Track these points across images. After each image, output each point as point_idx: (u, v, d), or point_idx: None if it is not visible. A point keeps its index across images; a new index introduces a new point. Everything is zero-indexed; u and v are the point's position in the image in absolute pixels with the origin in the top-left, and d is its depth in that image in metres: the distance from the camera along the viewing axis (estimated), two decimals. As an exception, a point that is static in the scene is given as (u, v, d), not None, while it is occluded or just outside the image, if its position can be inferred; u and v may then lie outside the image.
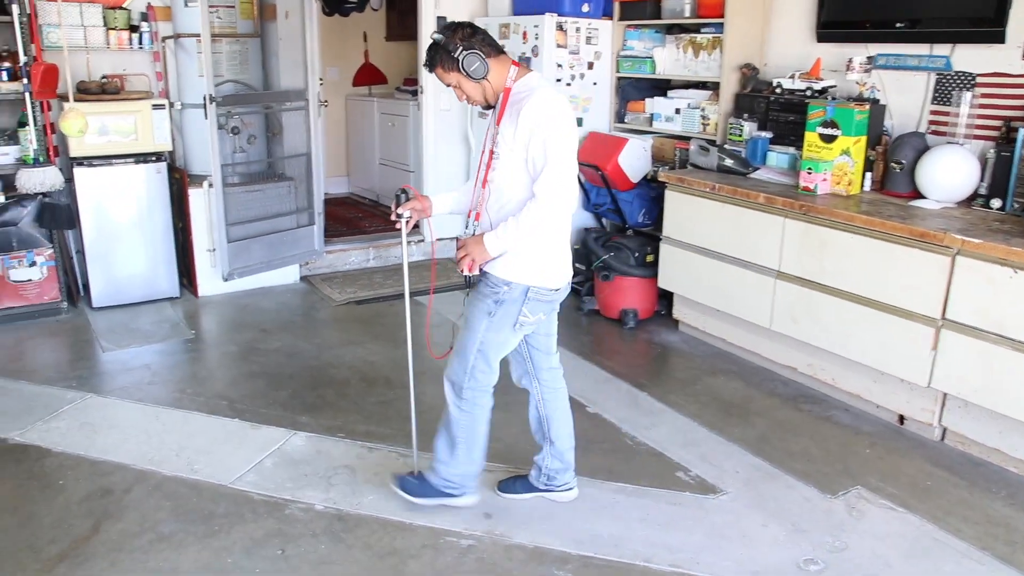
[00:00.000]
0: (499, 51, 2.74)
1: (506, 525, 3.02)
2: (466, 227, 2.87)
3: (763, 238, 4.20)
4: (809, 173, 4.12)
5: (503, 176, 2.73)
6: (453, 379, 2.95)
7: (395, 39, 8.19)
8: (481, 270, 2.80)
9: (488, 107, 2.80)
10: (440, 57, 2.69)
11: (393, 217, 2.96)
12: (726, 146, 4.73)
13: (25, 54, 4.65)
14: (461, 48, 2.64)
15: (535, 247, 2.75)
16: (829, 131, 4.04)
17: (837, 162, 4.07)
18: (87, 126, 3.02)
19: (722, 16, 4.79)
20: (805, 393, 4.21)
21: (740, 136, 4.71)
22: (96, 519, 3.01)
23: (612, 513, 3.14)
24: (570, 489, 3.21)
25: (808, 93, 4.41)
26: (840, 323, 3.89)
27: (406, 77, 7.79)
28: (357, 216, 7.22)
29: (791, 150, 4.49)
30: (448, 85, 2.77)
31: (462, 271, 2.78)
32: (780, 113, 4.55)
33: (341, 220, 6.96)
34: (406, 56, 8.29)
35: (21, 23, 4.59)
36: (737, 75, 4.84)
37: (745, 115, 4.72)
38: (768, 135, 4.59)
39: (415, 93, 7.02)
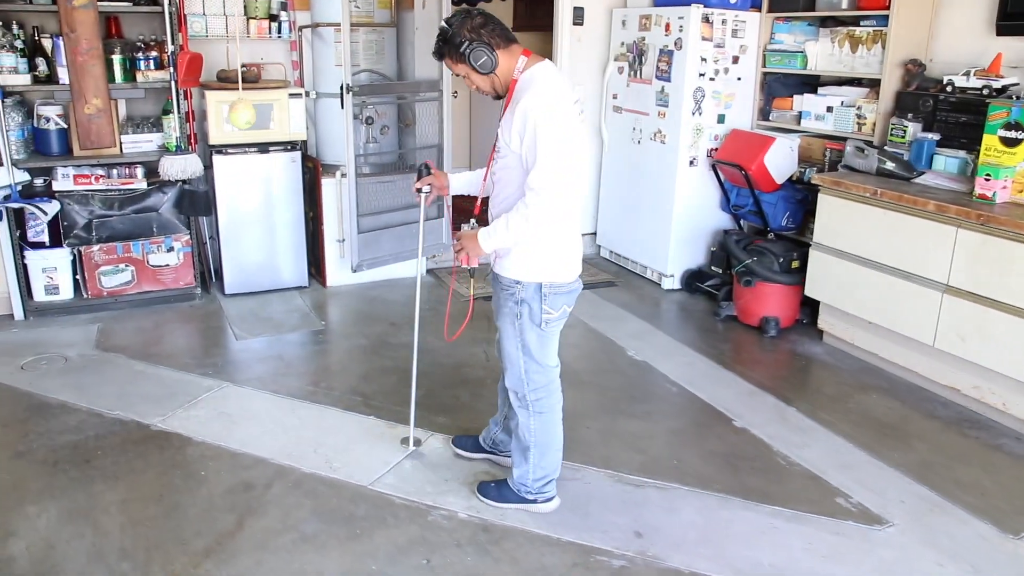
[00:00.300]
0: (510, 41, 2.68)
1: (659, 546, 2.85)
2: (467, 221, 2.87)
3: (930, 248, 3.89)
4: (987, 179, 3.78)
5: (504, 170, 2.71)
6: (513, 388, 2.93)
7: (521, 29, 8.05)
8: (494, 273, 2.86)
9: (498, 97, 2.76)
10: (448, 49, 2.65)
11: (414, 190, 3.11)
12: (886, 148, 4.42)
13: (172, 43, 4.71)
14: (468, 41, 2.60)
15: (541, 244, 2.71)
16: (1013, 134, 3.70)
17: (1021, 168, 3.72)
18: (255, 117, 3.00)
19: (886, 7, 4.46)
20: (970, 417, 3.89)
21: (902, 138, 4.38)
22: (239, 514, 2.97)
23: (771, 539, 2.93)
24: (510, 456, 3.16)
25: (985, 92, 4.06)
26: (1019, 344, 3.56)
27: (533, 69, 7.65)
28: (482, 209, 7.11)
29: (961, 153, 4.15)
30: (457, 75, 2.75)
31: (460, 264, 2.82)
32: (950, 113, 4.21)
33: (465, 213, 6.83)
34: (533, 46, 8.11)
35: (170, 13, 4.64)
36: (900, 71, 4.51)
37: (909, 115, 4.39)
38: (935, 137, 4.25)
39: (543, 85, 6.89)
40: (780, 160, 4.89)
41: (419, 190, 3.07)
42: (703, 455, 3.48)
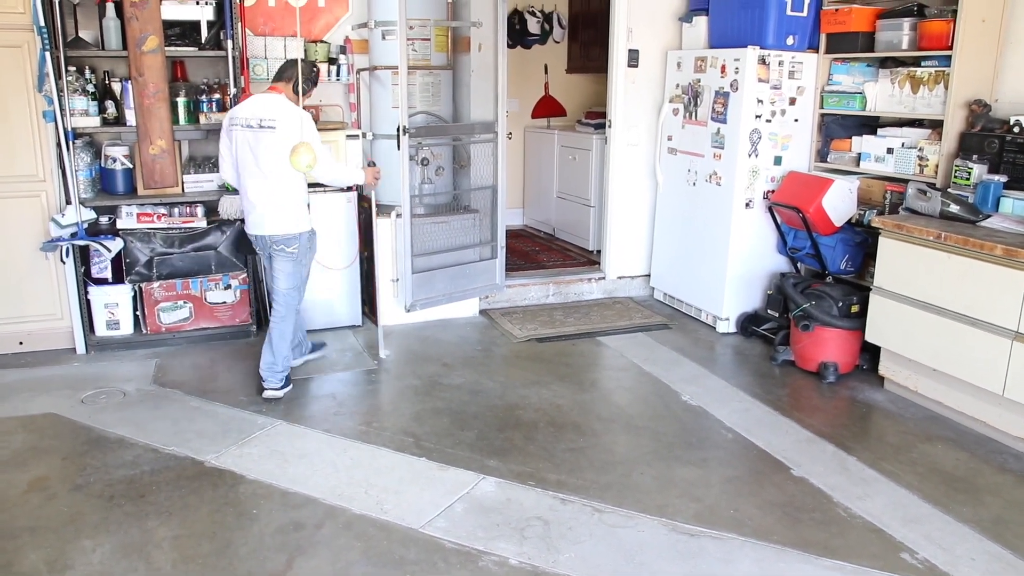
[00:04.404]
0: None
1: (715, 600, 2.77)
2: None
3: (1000, 294, 3.76)
4: (1058, 223, 3.67)
5: None
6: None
7: (576, 71, 8.12)
8: None
9: None
10: None
11: None
12: (950, 190, 4.31)
13: (235, 86, 4.83)
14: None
15: None
16: (1084, 177, 3.59)
17: (1093, 212, 3.61)
18: (316, 161, 3.06)
19: (948, 48, 4.39)
20: (1043, 471, 3.73)
21: (967, 180, 4.28)
22: (290, 554, 2.96)
23: (833, 596, 2.82)
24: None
25: (1054, 134, 3.95)
26: (1095, 395, 3.42)
27: (588, 110, 7.68)
28: (534, 250, 7.12)
29: (1030, 196, 4.04)
30: None
31: None
32: (1018, 155, 4.10)
33: (518, 253, 6.88)
34: (587, 89, 8.21)
35: (234, 57, 4.77)
36: (964, 112, 4.41)
37: (974, 156, 4.29)
38: (1002, 179, 4.14)
39: (598, 126, 6.91)
40: (839, 202, 4.80)
41: None
42: (760, 504, 3.38)
